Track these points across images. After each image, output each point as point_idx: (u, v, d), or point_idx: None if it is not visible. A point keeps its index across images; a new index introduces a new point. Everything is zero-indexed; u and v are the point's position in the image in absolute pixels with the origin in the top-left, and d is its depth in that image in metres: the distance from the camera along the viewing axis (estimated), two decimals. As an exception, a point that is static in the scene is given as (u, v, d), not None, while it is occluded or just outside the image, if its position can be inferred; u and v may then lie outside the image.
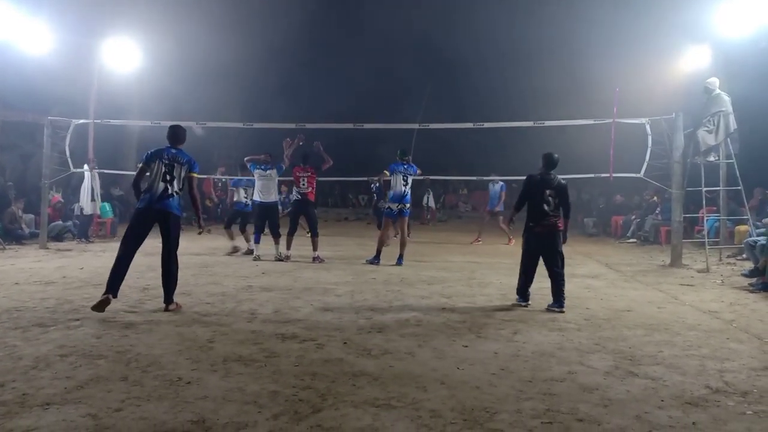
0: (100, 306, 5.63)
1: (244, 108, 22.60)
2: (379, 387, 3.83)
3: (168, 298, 6.05)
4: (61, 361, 4.23)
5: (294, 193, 10.62)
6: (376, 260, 10.07)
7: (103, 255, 10.35)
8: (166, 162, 6.05)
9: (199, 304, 6.42)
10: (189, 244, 12.46)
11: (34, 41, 12.58)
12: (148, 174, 6.12)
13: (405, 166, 10.17)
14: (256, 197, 10.56)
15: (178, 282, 7.06)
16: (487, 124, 12.62)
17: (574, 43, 19.17)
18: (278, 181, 10.92)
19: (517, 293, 6.68)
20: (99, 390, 3.67)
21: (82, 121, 12.97)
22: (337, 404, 3.52)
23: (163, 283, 6.09)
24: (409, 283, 8.16)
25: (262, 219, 10.51)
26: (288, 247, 10.46)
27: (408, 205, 10.23)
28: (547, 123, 12.24)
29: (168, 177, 5.99)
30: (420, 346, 4.82)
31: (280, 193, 11.67)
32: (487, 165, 18.30)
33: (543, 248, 6.56)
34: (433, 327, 5.52)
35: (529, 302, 6.57)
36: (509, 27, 20.90)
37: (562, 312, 6.24)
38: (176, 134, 6.34)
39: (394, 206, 10.15)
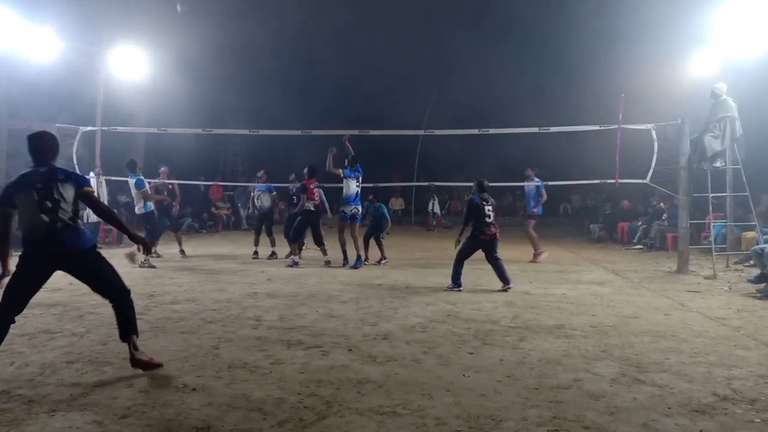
0: None
1: (250, 114, 22.72)
2: (384, 394, 3.82)
3: (126, 337, 4.27)
4: (67, 368, 4.25)
5: (308, 204, 10.73)
6: (345, 262, 10.46)
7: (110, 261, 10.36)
8: (39, 187, 4.10)
9: (204, 310, 6.42)
10: (194, 250, 12.51)
11: (41, 49, 12.66)
12: (17, 215, 4.18)
13: (357, 173, 10.49)
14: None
15: (185, 289, 7.07)
16: (492, 130, 12.62)
17: (580, 49, 19.20)
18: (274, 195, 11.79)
19: (453, 280, 8.10)
20: (105, 397, 3.68)
21: (89, 128, 13.04)
22: (342, 411, 3.51)
23: (117, 322, 4.35)
24: (414, 289, 8.15)
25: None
26: (293, 253, 10.77)
27: (360, 209, 10.57)
28: (553, 129, 12.22)
29: (49, 205, 4.06)
30: (425, 353, 4.81)
31: (275, 204, 12.10)
32: (493, 170, 18.28)
33: (486, 249, 8.17)
34: (438, 334, 5.51)
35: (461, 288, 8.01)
36: (515, 32, 20.95)
37: (510, 287, 7.94)
38: (41, 148, 4.33)
39: (348, 209, 10.44)
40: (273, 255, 11.64)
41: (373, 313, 6.41)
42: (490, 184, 13.46)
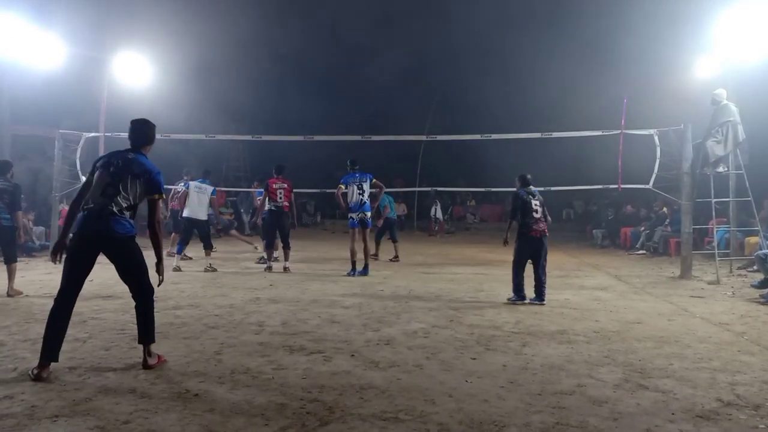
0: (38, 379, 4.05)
1: (253, 120, 22.79)
2: (386, 400, 3.81)
3: (143, 341, 4.48)
4: (69, 373, 4.25)
5: (269, 204, 10.71)
6: (351, 272, 10.11)
7: (112, 267, 10.38)
8: (112, 170, 4.41)
9: (207, 316, 6.43)
10: (197, 254, 12.51)
11: (45, 55, 12.74)
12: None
13: (357, 176, 10.21)
14: (191, 213, 10.65)
15: (188, 294, 7.06)
16: (494, 136, 12.64)
17: (582, 54, 19.20)
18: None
19: (515, 292, 7.57)
20: (107, 402, 3.68)
21: (92, 134, 13.09)
22: (345, 417, 3.50)
23: (137, 324, 4.56)
24: (417, 295, 8.14)
25: (190, 232, 10.81)
26: (269, 259, 10.74)
27: (369, 214, 10.26)
28: (555, 134, 12.24)
29: (110, 190, 4.36)
30: (428, 359, 4.80)
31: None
32: (496, 176, 18.27)
33: (535, 249, 7.57)
34: (441, 339, 5.50)
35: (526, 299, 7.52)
36: (517, 37, 20.98)
37: (543, 304, 7.32)
38: (139, 131, 4.65)
39: (355, 216, 10.18)
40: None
41: (376, 319, 6.40)
42: (494, 189, 13.56)
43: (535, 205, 7.59)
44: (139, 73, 14.88)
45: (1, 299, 7.15)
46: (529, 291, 7.56)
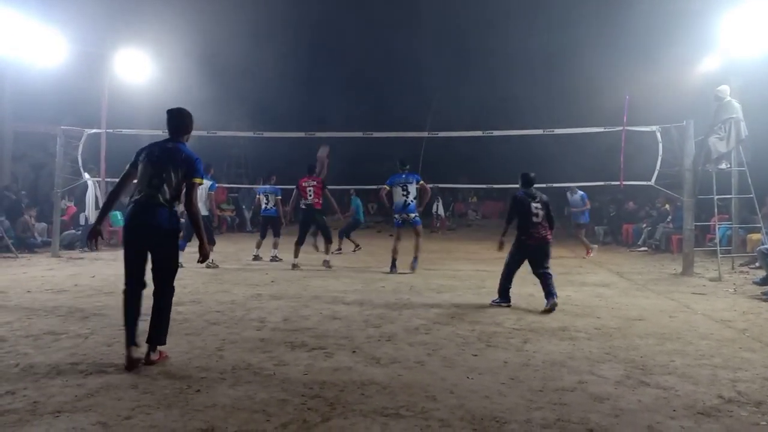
0: (131, 365, 4.28)
1: (254, 117, 22.79)
2: (388, 396, 3.82)
3: (152, 340, 4.47)
4: (71, 369, 4.25)
5: (300, 203, 10.85)
6: (393, 269, 10.20)
7: (114, 263, 10.41)
8: (155, 162, 4.48)
9: (208, 312, 6.43)
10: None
11: (47, 53, 12.74)
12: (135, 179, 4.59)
13: (404, 176, 10.19)
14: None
15: (189, 290, 7.04)
16: (496, 132, 12.63)
17: (585, 51, 19.18)
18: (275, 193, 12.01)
19: (500, 295, 7.12)
20: (109, 398, 3.69)
21: (94, 130, 13.09)
22: (346, 413, 3.51)
23: (150, 320, 4.51)
24: (419, 291, 8.14)
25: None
26: (296, 255, 10.67)
27: (414, 215, 10.22)
28: (557, 131, 12.21)
29: (155, 181, 4.43)
30: (429, 355, 4.81)
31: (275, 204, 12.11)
32: (499, 173, 18.24)
33: (533, 256, 7.06)
34: (442, 336, 5.50)
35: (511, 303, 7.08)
36: (520, 35, 20.95)
37: (555, 305, 6.71)
38: (177, 121, 4.71)
39: (398, 216, 10.24)
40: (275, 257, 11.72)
41: (377, 315, 6.41)
42: (497, 186, 13.58)
43: (535, 208, 6.94)
44: (140, 70, 14.89)
45: (3, 295, 7.17)
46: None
